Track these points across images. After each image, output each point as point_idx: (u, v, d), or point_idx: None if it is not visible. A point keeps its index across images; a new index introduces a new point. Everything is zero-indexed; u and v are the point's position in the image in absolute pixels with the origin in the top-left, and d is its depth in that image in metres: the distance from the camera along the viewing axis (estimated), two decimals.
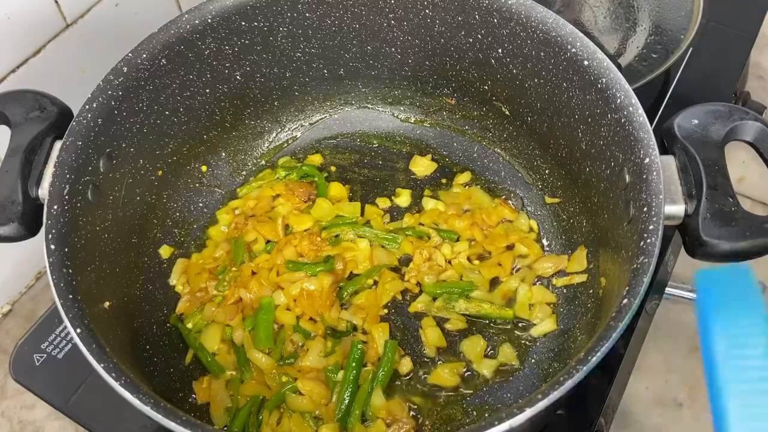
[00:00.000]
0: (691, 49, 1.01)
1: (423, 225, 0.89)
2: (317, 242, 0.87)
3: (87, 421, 0.81)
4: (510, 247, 0.87)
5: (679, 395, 0.85)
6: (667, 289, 0.89)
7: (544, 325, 0.81)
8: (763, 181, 1.00)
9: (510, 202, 0.91)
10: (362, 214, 0.91)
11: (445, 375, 0.79)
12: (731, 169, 0.66)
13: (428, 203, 0.91)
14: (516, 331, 0.81)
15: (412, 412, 0.77)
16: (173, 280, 0.86)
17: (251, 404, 0.76)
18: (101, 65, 0.74)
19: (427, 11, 0.82)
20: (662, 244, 0.61)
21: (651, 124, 0.66)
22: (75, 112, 0.72)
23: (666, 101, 1.02)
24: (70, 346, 0.85)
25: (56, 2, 0.88)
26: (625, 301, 0.58)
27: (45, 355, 0.84)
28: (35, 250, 0.68)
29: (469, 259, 0.86)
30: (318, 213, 0.90)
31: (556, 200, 0.87)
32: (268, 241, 0.88)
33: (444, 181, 0.94)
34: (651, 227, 0.61)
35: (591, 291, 0.78)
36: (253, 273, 0.85)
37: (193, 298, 0.84)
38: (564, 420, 0.76)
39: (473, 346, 0.80)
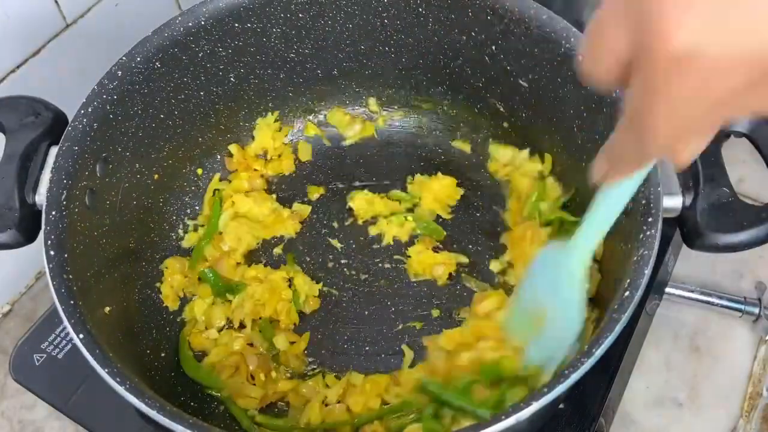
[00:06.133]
0: None
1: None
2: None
3: (87, 421, 0.80)
4: None
5: (679, 395, 0.85)
6: (667, 289, 0.89)
7: None
8: (763, 181, 1.00)
9: None
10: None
11: None
12: (730, 168, 0.66)
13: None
14: None
15: None
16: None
17: None
18: (101, 65, 0.74)
19: (420, 10, 0.83)
20: (662, 245, 0.61)
21: None
22: (75, 113, 0.72)
23: None
24: (70, 346, 0.84)
25: (56, 2, 0.88)
26: (627, 293, 0.59)
27: (45, 355, 0.84)
28: (35, 250, 0.68)
29: None
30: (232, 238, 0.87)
31: None
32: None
33: None
34: (650, 219, 0.62)
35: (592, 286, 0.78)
36: None
37: None
38: (564, 420, 0.76)
39: None
